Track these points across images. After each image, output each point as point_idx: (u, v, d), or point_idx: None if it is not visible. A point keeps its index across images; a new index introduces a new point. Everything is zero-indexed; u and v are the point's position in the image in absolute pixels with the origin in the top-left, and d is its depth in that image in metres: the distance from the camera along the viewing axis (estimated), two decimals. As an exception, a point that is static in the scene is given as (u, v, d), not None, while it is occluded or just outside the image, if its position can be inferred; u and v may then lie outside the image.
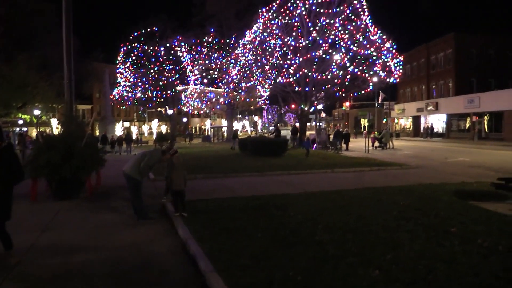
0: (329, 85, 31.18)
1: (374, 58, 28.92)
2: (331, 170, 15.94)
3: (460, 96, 44.31)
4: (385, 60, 29.28)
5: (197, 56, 42.92)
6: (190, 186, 9.78)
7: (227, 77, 38.20)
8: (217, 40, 42.88)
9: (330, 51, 29.01)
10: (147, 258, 5.79)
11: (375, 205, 8.61)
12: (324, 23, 28.32)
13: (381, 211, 8.02)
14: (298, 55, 29.25)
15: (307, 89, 30.88)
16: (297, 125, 34.84)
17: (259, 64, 31.27)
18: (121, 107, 58.04)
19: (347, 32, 28.69)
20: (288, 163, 18.10)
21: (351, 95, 36.78)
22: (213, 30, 43.09)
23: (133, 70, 43.65)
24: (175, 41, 42.68)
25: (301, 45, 29.30)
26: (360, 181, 12.96)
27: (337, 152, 25.91)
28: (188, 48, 42.95)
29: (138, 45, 42.45)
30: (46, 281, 5.00)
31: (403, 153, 26.26)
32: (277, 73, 30.54)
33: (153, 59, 43.81)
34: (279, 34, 29.66)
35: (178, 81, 45.88)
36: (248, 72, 33.08)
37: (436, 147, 32.69)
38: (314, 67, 29.21)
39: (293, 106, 38.23)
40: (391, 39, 29.84)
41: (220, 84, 42.40)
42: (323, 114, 55.17)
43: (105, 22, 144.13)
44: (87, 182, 10.87)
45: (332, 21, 28.31)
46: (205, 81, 44.89)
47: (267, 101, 43.41)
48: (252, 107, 48.53)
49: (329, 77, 29.30)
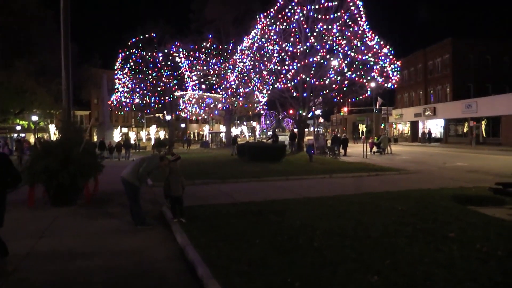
0: (327, 91, 31.29)
1: (372, 63, 29.05)
2: (329, 175, 15.94)
3: (458, 101, 44.48)
4: (383, 65, 29.41)
5: (195, 62, 43.02)
6: (188, 192, 9.75)
7: (225, 82, 38.27)
8: (215, 46, 43.00)
9: (328, 56, 29.14)
10: (145, 264, 5.76)
11: (373, 211, 8.60)
12: (321, 29, 28.46)
13: (380, 216, 8.01)
14: (296, 60, 29.37)
15: (305, 94, 30.97)
16: (295, 130, 34.88)
17: (257, 69, 31.37)
18: (119, 113, 58.01)
19: (344, 37, 28.82)
20: (286, 168, 18.11)
21: (349, 100, 36.97)
22: (211, 36, 43.25)
23: (131, 76, 43.68)
24: (173, 47, 42.77)
25: (299, 50, 29.42)
26: (358, 186, 12.96)
27: (335, 158, 25.92)
28: (186, 54, 43.05)
29: (136, 51, 42.50)
30: (43, 288, 4.97)
31: (401, 158, 26.28)
32: (275, 78, 30.64)
33: (151, 65, 43.86)
34: (277, 40, 29.77)
35: (176, 87, 45.93)
36: (246, 78, 33.17)
37: (434, 152, 32.73)
38: (312, 72, 29.31)
39: (291, 111, 38.31)
40: (389, 45, 30.02)
41: (218, 89, 42.47)
42: (321, 120, 55.16)
43: (103, 28, 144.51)
44: (85, 188, 10.83)
45: (330, 27, 28.45)
46: (203, 86, 44.99)
47: (265, 107, 43.46)
48: (250, 113, 48.64)
49: (327, 82, 29.41)
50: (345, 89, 30.84)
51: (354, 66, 29.05)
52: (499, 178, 12.57)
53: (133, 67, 43.31)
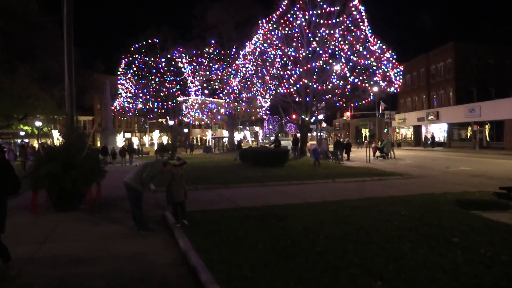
0: (330, 95, 31.30)
1: (374, 68, 29.08)
2: (332, 180, 15.91)
3: (461, 105, 44.38)
4: (385, 70, 29.42)
5: (197, 67, 43.17)
6: (190, 197, 9.76)
7: (227, 87, 38.38)
8: (217, 51, 43.18)
9: (330, 61, 29.17)
10: (147, 269, 5.75)
11: (376, 215, 8.57)
12: (324, 33, 28.53)
13: (383, 221, 7.98)
14: (299, 65, 29.41)
15: (307, 99, 30.98)
16: (298, 135, 34.87)
17: (259, 74, 31.43)
18: (122, 118, 58.19)
19: (347, 42, 28.87)
20: (289, 173, 18.09)
21: (352, 105, 36.90)
22: (213, 41, 43.43)
23: (134, 81, 43.78)
24: (176, 52, 42.90)
25: (301, 55, 29.48)
26: (361, 191, 12.92)
27: (338, 162, 25.88)
28: (189, 59, 43.19)
29: (139, 57, 42.61)
30: (46, 293, 4.97)
31: (404, 162, 26.21)
32: (277, 83, 30.68)
33: (154, 70, 43.95)
34: (279, 45, 29.85)
35: (179, 92, 46.01)
36: (248, 83, 33.26)
37: (438, 156, 32.64)
38: (315, 77, 29.35)
39: (294, 116, 38.30)
40: (391, 49, 30.04)
41: (221, 94, 42.58)
42: (324, 124, 55.18)
43: (106, 34, 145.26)
44: (88, 194, 10.85)
45: (332, 32, 28.52)
46: (206, 91, 45.12)
47: (268, 112, 43.53)
48: (253, 118, 48.74)
49: (329, 87, 29.43)
50: (347, 93, 30.85)
51: (357, 70, 29.07)
52: (503, 182, 12.53)
53: (136, 72, 43.41)
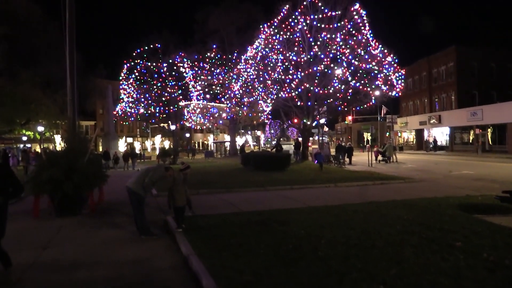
0: (331, 99, 31.30)
1: (376, 72, 29.08)
2: (334, 184, 15.87)
3: (463, 109, 44.33)
4: (387, 74, 29.42)
5: (199, 71, 43.25)
6: (192, 201, 9.76)
7: (229, 92, 38.40)
8: (219, 55, 43.27)
9: (332, 65, 29.21)
10: (149, 274, 5.74)
11: (378, 220, 8.53)
12: (325, 38, 28.57)
13: (385, 225, 7.94)
14: (300, 70, 29.45)
15: (309, 103, 30.99)
16: (300, 139, 34.85)
17: (261, 79, 31.47)
18: (124, 123, 58.30)
19: (348, 46, 28.90)
20: (291, 177, 18.06)
21: (354, 109, 36.87)
22: (215, 46, 43.54)
23: (136, 86, 43.94)
24: (177, 57, 43.04)
25: (302, 60, 29.52)
26: (363, 195, 12.89)
27: (340, 166, 25.84)
28: (191, 64, 43.30)
29: (141, 62, 42.80)
30: (47, 299, 4.95)
31: (406, 166, 26.16)
32: (279, 88, 30.72)
33: (156, 75, 44.13)
34: (281, 49, 29.90)
35: (181, 97, 46.14)
36: (250, 87, 33.29)
37: (440, 160, 32.56)
38: (316, 81, 29.37)
39: (295, 120, 38.32)
40: (392, 53, 30.05)
41: (223, 99, 42.61)
42: (326, 128, 55.05)
43: (108, 39, 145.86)
44: (90, 198, 10.86)
45: (333, 36, 28.55)
46: (208, 96, 45.17)
47: (269, 116, 43.58)
48: (254, 122, 48.75)
49: (331, 91, 29.44)
50: (349, 97, 30.85)
51: (358, 74, 29.08)
52: (506, 186, 12.48)
53: (138, 77, 43.58)
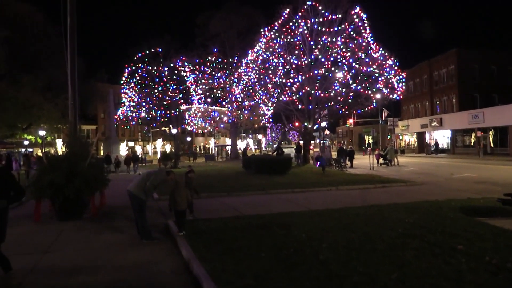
0: (332, 103, 31.30)
1: (377, 75, 29.07)
2: (336, 187, 15.86)
3: (464, 111, 44.29)
4: (388, 77, 29.42)
5: (200, 75, 43.31)
6: (194, 205, 9.75)
7: (230, 96, 38.44)
8: (220, 59, 43.34)
9: (333, 69, 29.20)
10: (149, 278, 5.73)
11: (380, 223, 8.51)
12: (326, 41, 28.60)
13: (386, 228, 7.92)
14: (301, 73, 29.45)
15: (310, 107, 30.99)
16: (301, 143, 34.83)
17: (262, 82, 31.49)
18: (125, 127, 58.34)
19: (349, 50, 28.93)
20: (292, 181, 18.04)
21: (355, 112, 36.91)
22: (216, 50, 43.63)
23: (137, 90, 43.98)
24: (178, 61, 43.12)
25: (303, 63, 29.53)
26: (365, 198, 12.86)
27: (341, 170, 25.82)
28: (192, 68, 43.37)
29: (142, 66, 42.86)
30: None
31: (408, 169, 26.11)
32: (280, 91, 30.74)
33: (157, 79, 44.18)
34: (282, 53, 29.93)
35: (182, 101, 46.17)
36: (251, 91, 33.31)
37: (442, 163, 32.49)
38: (317, 85, 29.36)
39: (296, 124, 38.27)
40: (393, 56, 30.05)
41: (224, 103, 42.65)
42: (327, 132, 55.02)
43: (110, 43, 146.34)
44: (91, 202, 10.86)
45: (334, 39, 28.57)
46: (209, 100, 45.23)
47: (270, 119, 43.50)
48: (255, 126, 48.72)
49: (332, 94, 29.44)
50: (350, 101, 30.84)
51: (359, 78, 29.08)
52: (507, 188, 12.42)
53: (139, 81, 43.64)
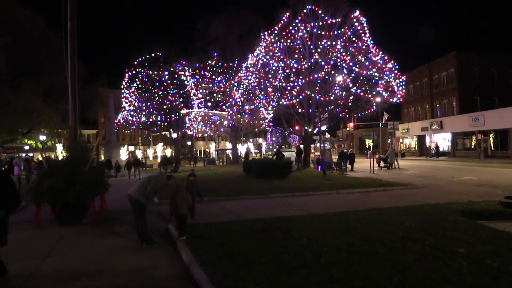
0: (332, 106, 31.30)
1: (377, 78, 29.07)
2: (336, 191, 15.84)
3: (465, 114, 44.28)
4: (388, 80, 29.42)
5: (200, 79, 43.35)
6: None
7: (230, 100, 38.43)
8: (220, 63, 43.40)
9: (333, 72, 29.21)
10: (150, 283, 5.72)
11: (380, 226, 8.49)
12: (325, 45, 28.62)
13: (387, 232, 7.90)
14: (301, 77, 29.47)
15: (310, 110, 30.98)
16: (302, 146, 34.83)
17: (262, 86, 31.49)
18: (126, 132, 58.36)
19: (349, 53, 28.94)
20: (292, 185, 18.02)
21: (355, 115, 36.88)
22: (216, 54, 43.69)
23: (137, 95, 44.01)
24: (178, 65, 43.18)
25: (303, 67, 29.55)
26: (365, 202, 12.85)
27: (342, 173, 25.80)
28: (192, 72, 43.42)
29: (143, 70, 42.92)
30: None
31: (408, 172, 26.09)
32: (280, 95, 30.73)
33: (157, 84, 44.23)
34: (282, 57, 29.96)
35: (182, 105, 46.20)
36: (251, 95, 33.30)
37: (442, 166, 32.46)
38: (317, 88, 29.37)
39: (297, 127, 38.26)
40: (393, 59, 30.06)
41: (224, 107, 42.66)
42: (327, 135, 55.10)
43: (110, 48, 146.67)
44: (91, 207, 10.84)
45: (334, 43, 28.60)
46: (209, 104, 45.25)
47: (271, 123, 43.54)
48: (256, 129, 48.73)
49: (332, 98, 29.45)
50: (350, 104, 30.83)
51: (359, 81, 29.08)
52: (508, 191, 12.40)
53: (140, 86, 43.67)
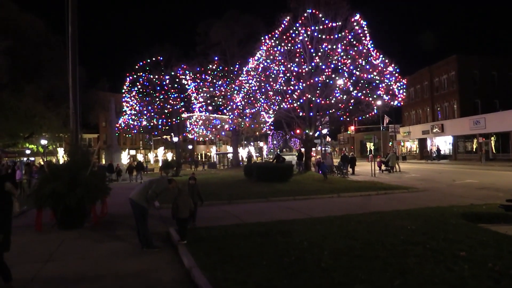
0: (333, 110, 31.28)
1: (377, 82, 29.06)
2: (337, 194, 15.82)
3: (466, 117, 44.27)
4: (388, 83, 29.41)
5: (201, 83, 43.43)
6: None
7: (231, 103, 38.48)
8: (221, 67, 43.51)
9: (333, 76, 29.21)
10: (151, 287, 5.71)
11: (382, 230, 8.48)
12: (326, 48, 28.65)
13: (388, 235, 7.89)
14: (302, 80, 29.50)
15: (311, 114, 30.97)
16: (303, 150, 34.80)
17: (263, 90, 31.51)
18: (127, 136, 58.43)
19: (349, 57, 28.95)
20: (293, 188, 18.00)
21: (356, 119, 36.89)
22: (217, 58, 43.81)
23: (138, 99, 44.08)
24: (179, 69, 43.27)
25: (304, 70, 29.58)
26: (366, 205, 12.83)
27: (343, 177, 25.77)
28: (193, 76, 43.50)
29: (144, 74, 43.02)
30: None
31: (410, 176, 26.06)
32: (281, 99, 30.73)
33: (158, 88, 44.31)
34: (282, 61, 29.98)
35: (183, 109, 46.27)
36: (252, 99, 33.33)
37: (444, 169, 32.41)
38: (318, 92, 29.37)
39: (298, 131, 38.23)
40: (394, 63, 30.05)
41: (225, 110, 42.74)
42: (328, 139, 55.01)
43: (111, 52, 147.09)
44: (92, 211, 10.84)
45: (334, 47, 28.62)
46: (210, 108, 45.34)
47: (272, 127, 43.57)
48: (257, 133, 48.71)
49: (333, 101, 29.44)
50: (351, 107, 30.80)
51: (360, 84, 29.06)
52: (510, 194, 12.38)
53: (141, 90, 43.76)
